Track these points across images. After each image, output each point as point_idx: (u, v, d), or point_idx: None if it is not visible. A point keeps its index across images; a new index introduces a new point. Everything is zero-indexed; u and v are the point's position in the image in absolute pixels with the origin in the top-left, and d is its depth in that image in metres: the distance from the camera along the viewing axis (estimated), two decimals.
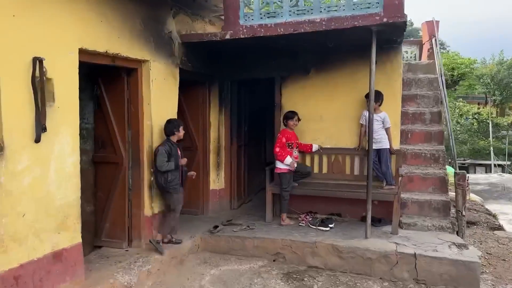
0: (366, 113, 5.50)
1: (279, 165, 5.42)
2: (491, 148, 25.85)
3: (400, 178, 5.06)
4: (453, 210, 5.53)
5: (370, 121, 4.64)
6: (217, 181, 6.27)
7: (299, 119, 5.50)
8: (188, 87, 6.01)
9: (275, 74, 6.05)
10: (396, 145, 5.60)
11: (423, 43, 8.27)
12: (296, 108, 5.89)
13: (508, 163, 25.74)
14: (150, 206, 4.80)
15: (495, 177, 17.80)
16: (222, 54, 6.16)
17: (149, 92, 4.70)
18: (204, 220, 5.88)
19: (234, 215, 6.17)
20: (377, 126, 5.37)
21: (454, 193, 5.37)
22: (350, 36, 4.86)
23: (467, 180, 5.11)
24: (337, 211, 5.88)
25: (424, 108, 6.76)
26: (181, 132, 4.79)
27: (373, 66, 4.58)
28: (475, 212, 6.22)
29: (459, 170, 5.74)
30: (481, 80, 25.63)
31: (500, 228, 6.23)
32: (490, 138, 26.05)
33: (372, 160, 4.71)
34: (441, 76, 6.79)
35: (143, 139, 4.73)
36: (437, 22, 7.64)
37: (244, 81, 6.57)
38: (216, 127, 6.38)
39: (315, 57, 5.84)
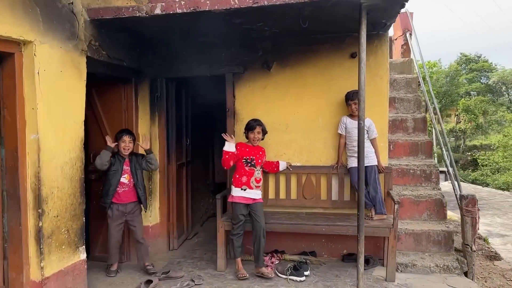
0: (346, 120, 4.21)
1: (233, 191, 3.98)
2: (435, 155, 26.20)
3: (396, 207, 3.78)
4: (455, 241, 4.36)
5: (360, 130, 3.29)
6: (149, 214, 4.63)
7: (264, 132, 4.11)
8: (105, 86, 4.36)
9: (226, 70, 4.59)
10: (385, 161, 4.35)
11: (395, 38, 7.25)
12: (254, 115, 4.47)
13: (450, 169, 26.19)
14: (38, 266, 3.10)
15: (446, 184, 17.57)
16: (153, 42, 4.59)
17: (34, 91, 3.03)
18: (129, 271, 4.21)
19: (173, 260, 4.56)
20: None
21: (460, 221, 4.21)
22: (330, 16, 3.54)
23: (477, 205, 3.96)
24: (311, 248, 4.50)
25: (405, 114, 5.64)
26: (125, 141, 4.00)
27: (363, 54, 3.25)
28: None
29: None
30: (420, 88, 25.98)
31: (497, 256, 5.20)
32: (434, 145, 26.41)
33: (363, 181, 3.36)
34: (421, 75, 5.72)
35: (24, 163, 3.04)
36: (411, 14, 6.64)
37: (186, 79, 5.03)
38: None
39: (278, 48, 4.46)
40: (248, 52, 4.54)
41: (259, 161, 4.01)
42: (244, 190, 3.89)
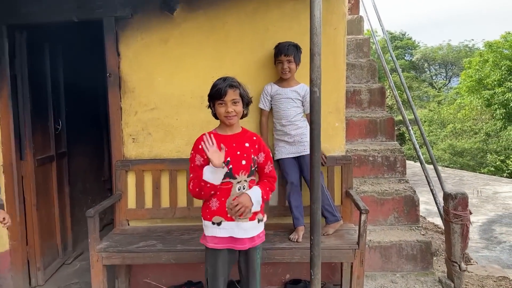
0: (272, 88, 2.89)
1: (204, 226, 2.12)
2: None
3: (362, 218, 2.52)
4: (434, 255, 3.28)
5: (315, 101, 1.90)
6: None
7: (245, 100, 2.07)
8: None
9: (104, 13, 2.93)
10: (341, 148, 3.07)
11: None
12: (154, 84, 2.99)
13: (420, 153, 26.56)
14: None
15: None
16: None
17: None
18: None
19: None
20: (292, 110, 2.81)
21: (444, 228, 3.10)
22: None
23: (468, 208, 2.85)
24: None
25: (358, 83, 4.42)
26: None
27: None
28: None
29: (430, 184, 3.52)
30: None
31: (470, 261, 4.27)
32: None
33: (319, 171, 1.96)
34: (380, 36, 4.52)
35: None
36: None
37: (50, 30, 3.29)
38: None
39: None
40: None
41: (244, 163, 2.02)
42: (219, 224, 2.05)
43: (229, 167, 1.99)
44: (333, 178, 3.02)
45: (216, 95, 1.98)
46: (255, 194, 2.01)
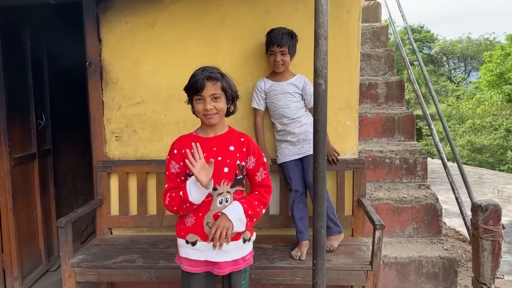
0: (265, 84, 2.53)
1: (178, 245, 1.75)
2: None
3: (377, 234, 2.12)
4: (461, 275, 2.86)
5: (320, 95, 1.51)
6: None
7: (230, 94, 1.67)
8: None
9: None
10: (352, 150, 2.66)
11: None
12: (140, 74, 2.64)
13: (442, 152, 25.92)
14: None
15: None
16: None
17: None
18: None
19: None
20: (292, 106, 2.42)
21: (471, 244, 2.67)
22: None
23: (501, 222, 2.43)
24: None
25: (374, 76, 3.99)
26: None
27: None
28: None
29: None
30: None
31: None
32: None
33: (324, 182, 1.55)
34: (402, 24, 4.09)
35: None
36: None
37: (26, 13, 2.95)
38: None
39: None
40: None
41: (226, 170, 1.64)
42: (193, 244, 1.68)
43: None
44: (343, 184, 2.62)
45: (192, 89, 1.60)
46: (234, 211, 1.61)
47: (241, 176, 1.69)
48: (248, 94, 2.59)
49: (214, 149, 1.65)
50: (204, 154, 1.58)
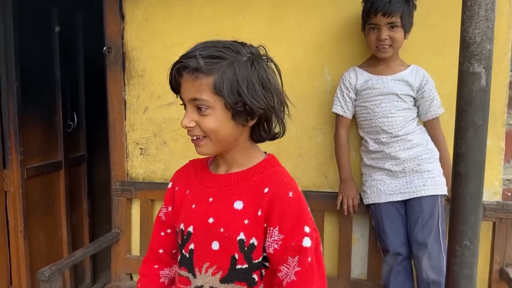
0: (358, 76, 1.53)
1: None
2: None
3: None
4: None
5: (476, 93, 0.61)
6: None
7: (247, 106, 0.81)
8: None
9: None
10: (493, 187, 1.64)
11: None
12: (170, 62, 1.84)
13: None
14: None
15: None
16: None
17: None
18: None
19: None
20: (398, 114, 1.49)
21: None
22: None
23: None
24: None
25: None
26: None
27: None
28: None
29: None
30: None
31: None
32: None
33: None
34: None
35: None
36: None
37: None
38: None
39: None
40: None
41: (216, 248, 0.83)
42: None
43: (189, 248, 0.87)
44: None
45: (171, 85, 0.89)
46: None
47: (246, 266, 0.83)
48: (325, 93, 1.71)
49: (210, 199, 0.86)
50: (193, 206, 0.86)
